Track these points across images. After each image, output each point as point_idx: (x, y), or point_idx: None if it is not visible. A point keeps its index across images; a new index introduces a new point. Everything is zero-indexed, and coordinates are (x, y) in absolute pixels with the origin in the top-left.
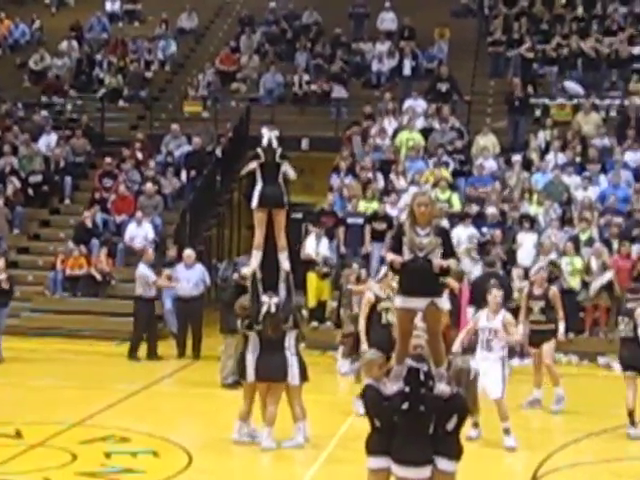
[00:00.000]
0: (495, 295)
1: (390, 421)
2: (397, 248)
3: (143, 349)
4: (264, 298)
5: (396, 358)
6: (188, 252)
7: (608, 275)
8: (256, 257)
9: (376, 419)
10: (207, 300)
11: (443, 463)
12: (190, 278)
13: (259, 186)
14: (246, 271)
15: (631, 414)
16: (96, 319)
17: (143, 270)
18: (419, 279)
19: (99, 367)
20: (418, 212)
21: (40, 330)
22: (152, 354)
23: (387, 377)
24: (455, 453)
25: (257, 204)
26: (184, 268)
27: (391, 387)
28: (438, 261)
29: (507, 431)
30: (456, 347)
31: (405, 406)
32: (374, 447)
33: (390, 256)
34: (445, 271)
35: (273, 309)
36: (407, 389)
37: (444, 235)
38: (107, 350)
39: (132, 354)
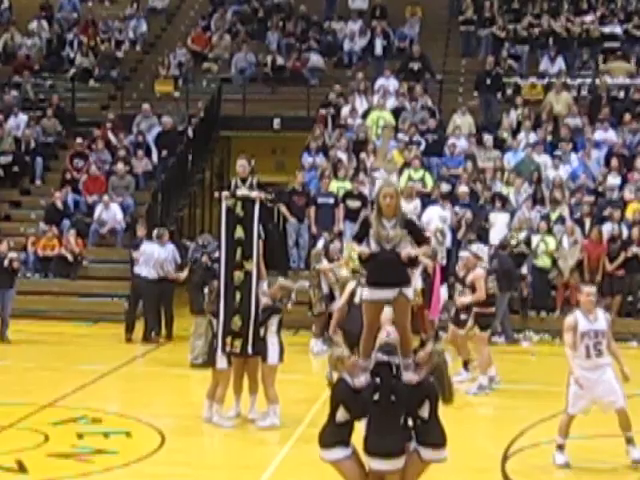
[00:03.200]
0: (588, 293)
1: (361, 413)
2: (363, 239)
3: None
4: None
5: (362, 351)
6: (160, 231)
7: (579, 255)
8: None
9: (347, 411)
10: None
11: (428, 453)
12: (160, 256)
13: None
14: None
15: None
16: (68, 300)
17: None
18: (386, 271)
19: (71, 348)
20: (384, 204)
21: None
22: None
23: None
24: (439, 441)
25: None
26: (157, 247)
27: (359, 380)
28: (406, 251)
29: (630, 441)
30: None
31: (376, 397)
32: (328, 440)
33: (357, 248)
34: (413, 261)
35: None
36: (377, 380)
37: (411, 226)
38: (79, 331)
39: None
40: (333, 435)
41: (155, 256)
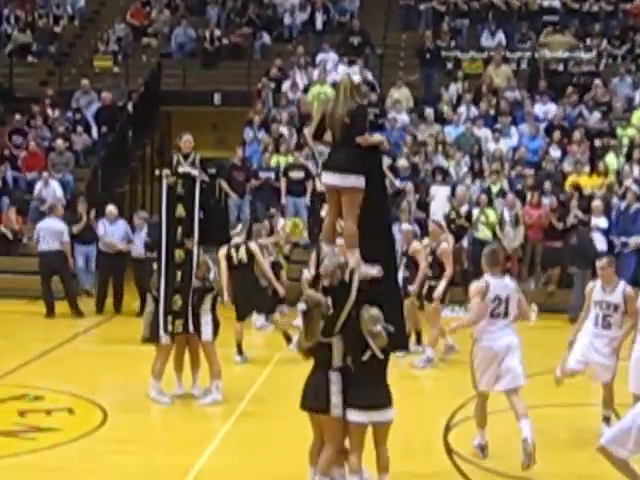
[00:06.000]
0: (604, 264)
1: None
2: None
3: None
4: None
5: (324, 238)
6: (110, 208)
7: (521, 231)
8: None
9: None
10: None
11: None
12: (114, 233)
13: None
14: None
15: None
16: (7, 277)
17: (57, 224)
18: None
19: (12, 325)
20: None
21: None
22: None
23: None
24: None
25: None
26: (107, 224)
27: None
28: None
29: (607, 420)
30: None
31: (366, 357)
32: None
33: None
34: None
35: None
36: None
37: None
38: (18, 308)
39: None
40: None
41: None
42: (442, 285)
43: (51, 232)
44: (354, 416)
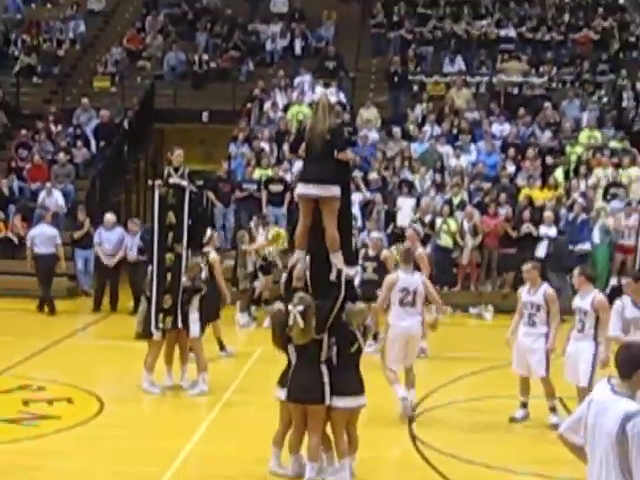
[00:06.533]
0: (529, 267)
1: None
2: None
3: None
4: None
5: (297, 243)
6: (108, 216)
7: (479, 238)
8: None
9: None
10: None
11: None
12: (111, 240)
13: None
14: None
15: None
16: (14, 279)
17: (48, 229)
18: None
19: (17, 322)
20: None
21: None
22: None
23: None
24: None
25: None
26: (104, 231)
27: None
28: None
29: (553, 409)
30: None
31: (354, 349)
32: (281, 380)
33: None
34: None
35: None
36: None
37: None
38: (24, 307)
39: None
40: (284, 376)
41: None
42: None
43: (44, 237)
44: (342, 402)
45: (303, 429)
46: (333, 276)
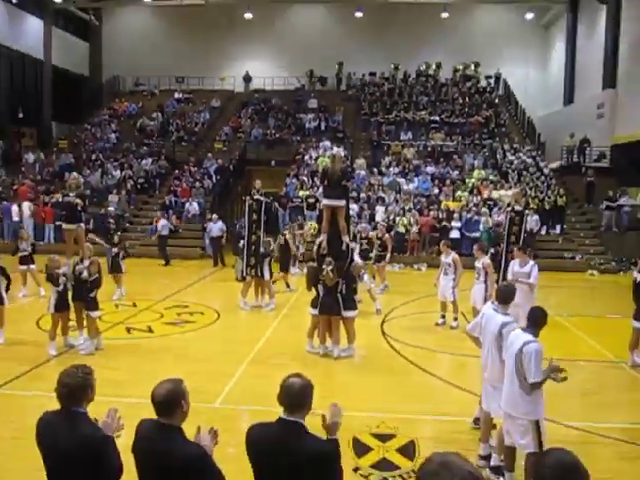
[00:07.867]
0: (442, 244)
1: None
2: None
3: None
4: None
5: (322, 230)
6: (214, 216)
7: (418, 227)
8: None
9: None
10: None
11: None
12: (213, 228)
13: None
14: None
15: None
16: (183, 250)
17: (216, 225)
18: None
19: (176, 271)
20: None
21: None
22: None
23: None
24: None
25: None
26: (212, 223)
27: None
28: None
29: (456, 319)
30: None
31: (355, 285)
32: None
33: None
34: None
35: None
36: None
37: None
38: (185, 265)
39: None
40: (315, 300)
41: (216, 226)
42: (388, 255)
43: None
44: (352, 313)
45: (326, 330)
46: (344, 247)
